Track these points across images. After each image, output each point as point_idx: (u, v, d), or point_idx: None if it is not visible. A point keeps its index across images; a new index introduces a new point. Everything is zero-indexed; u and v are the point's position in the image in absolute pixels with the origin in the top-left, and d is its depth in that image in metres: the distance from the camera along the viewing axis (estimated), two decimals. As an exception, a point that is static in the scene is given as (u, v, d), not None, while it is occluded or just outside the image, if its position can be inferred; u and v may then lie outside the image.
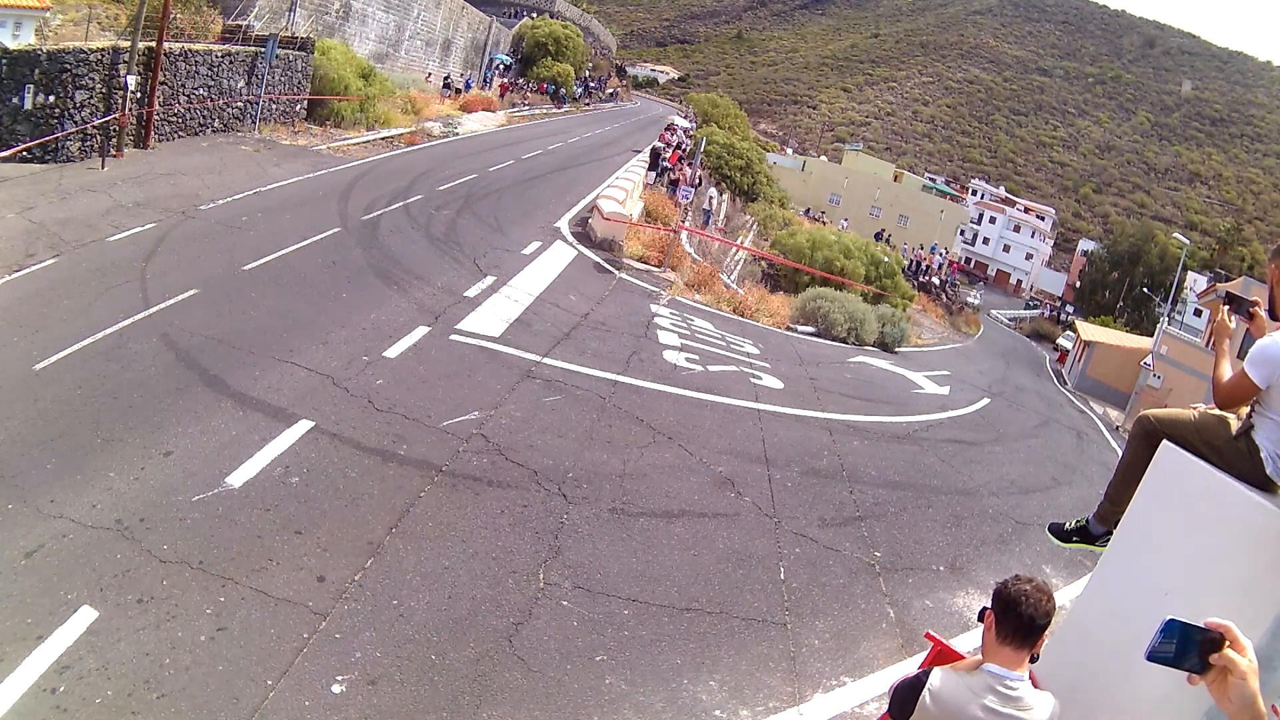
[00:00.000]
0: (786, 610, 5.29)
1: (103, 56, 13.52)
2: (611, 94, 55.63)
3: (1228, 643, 1.35)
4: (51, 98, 12.93)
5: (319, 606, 4.32)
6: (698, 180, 25.45)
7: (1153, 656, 1.35)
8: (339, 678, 3.88)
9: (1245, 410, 2.55)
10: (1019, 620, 2.15)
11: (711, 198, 25.78)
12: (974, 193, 72.16)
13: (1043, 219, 69.51)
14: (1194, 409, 2.72)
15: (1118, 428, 21.63)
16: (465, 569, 4.91)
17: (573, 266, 13.43)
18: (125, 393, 6.29)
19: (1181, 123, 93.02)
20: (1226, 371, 2.61)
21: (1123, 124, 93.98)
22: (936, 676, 2.20)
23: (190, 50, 16.11)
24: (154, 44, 14.53)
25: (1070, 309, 55.40)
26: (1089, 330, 34.40)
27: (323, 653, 4.02)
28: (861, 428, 9.93)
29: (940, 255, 47.24)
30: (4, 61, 12.64)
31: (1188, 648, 1.35)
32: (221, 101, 17.14)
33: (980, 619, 2.47)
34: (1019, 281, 66.08)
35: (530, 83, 41.30)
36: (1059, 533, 3.19)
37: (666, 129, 33.45)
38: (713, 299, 15.13)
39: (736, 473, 7.17)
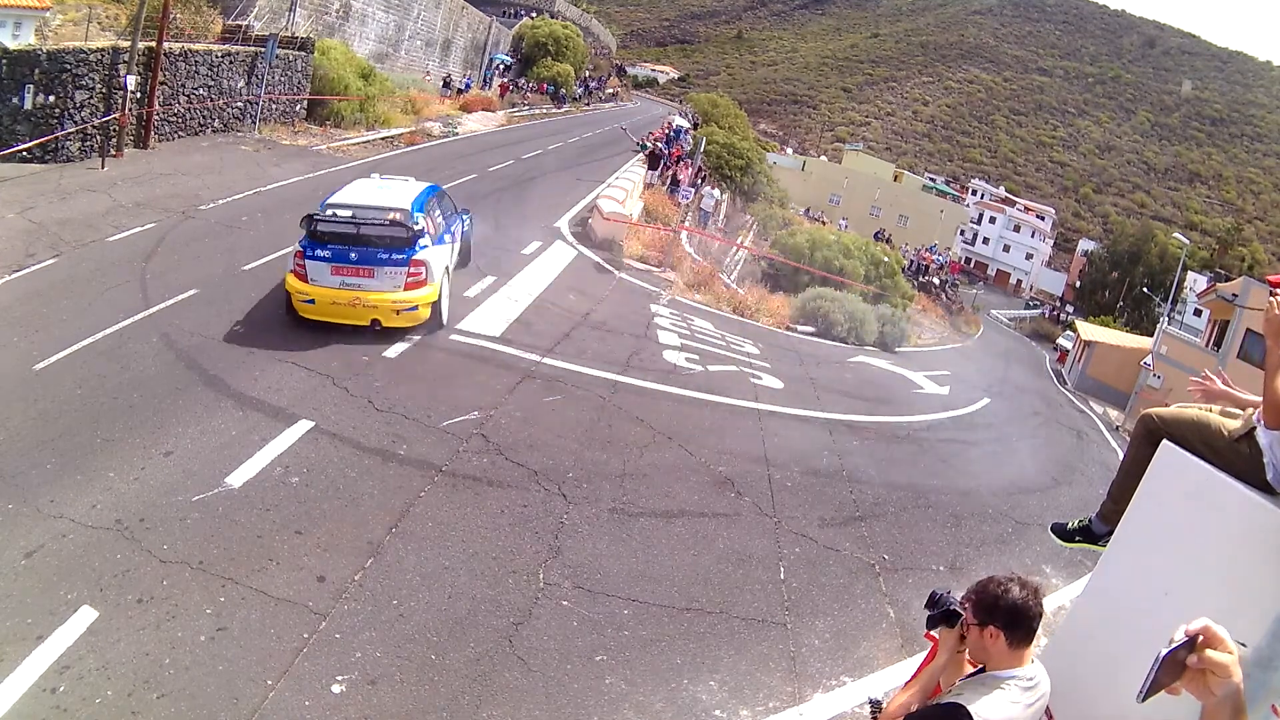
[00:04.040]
0: (786, 610, 5.29)
1: (103, 56, 13.52)
2: (612, 94, 55.58)
3: (1201, 639, 1.34)
4: (51, 98, 12.92)
5: (319, 606, 4.32)
6: (698, 180, 25.46)
7: (1147, 695, 1.35)
8: (339, 678, 3.88)
9: (1250, 412, 2.53)
10: (1030, 626, 2.22)
11: (711, 197, 25.77)
12: (974, 193, 72.09)
13: (1043, 219, 69.42)
14: (1200, 408, 2.71)
15: (1118, 428, 21.62)
16: (465, 569, 4.91)
17: (573, 266, 13.42)
18: (125, 393, 6.30)
19: (1181, 123, 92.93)
20: None
21: (1123, 124, 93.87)
22: (981, 708, 2.13)
23: (190, 50, 16.11)
24: (154, 44, 14.53)
25: (1070, 309, 55.38)
26: (1089, 330, 34.35)
27: (323, 653, 4.02)
28: (861, 428, 9.92)
29: (940, 255, 47.23)
30: (4, 61, 12.63)
31: (1170, 666, 1.35)
32: (221, 101, 17.14)
33: (938, 623, 2.43)
34: (1019, 281, 66.01)
35: (530, 83, 41.26)
36: (1061, 532, 3.18)
37: (661, 127, 33.42)
38: (713, 299, 15.12)
39: (736, 473, 7.17)
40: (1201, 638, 1.35)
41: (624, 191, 18.52)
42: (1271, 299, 2.27)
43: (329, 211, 7.92)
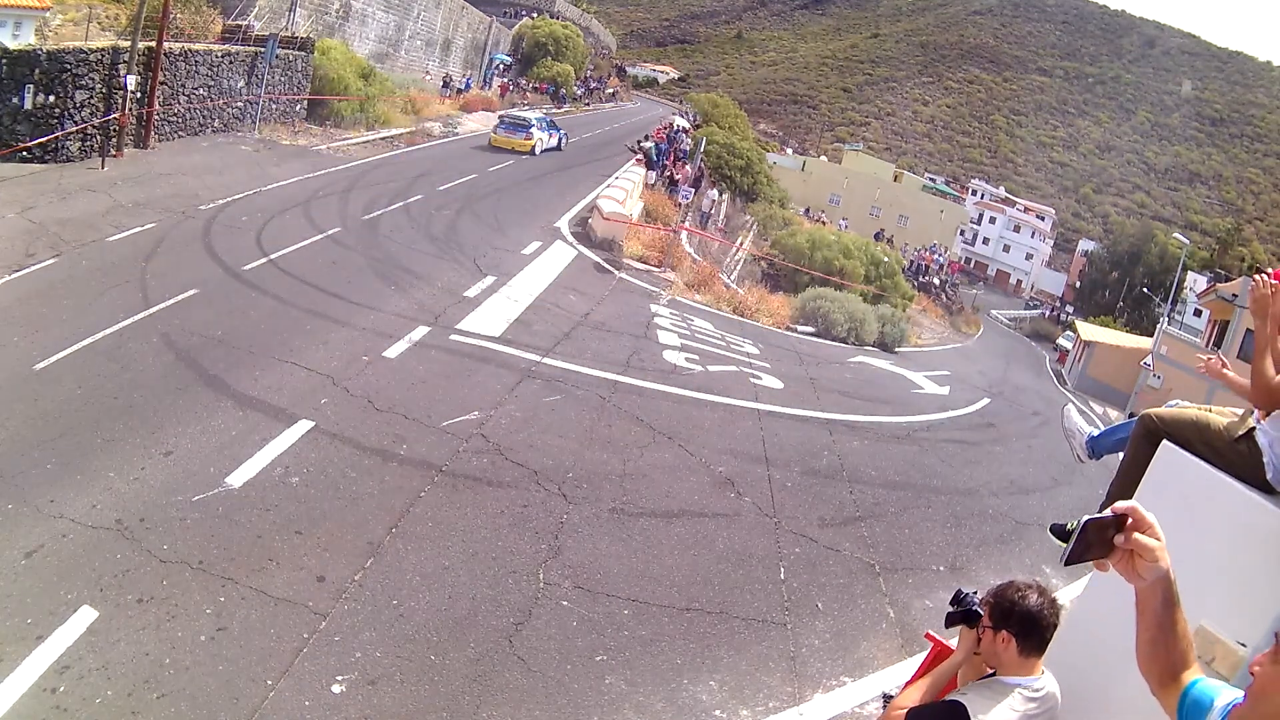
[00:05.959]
0: (786, 610, 5.29)
1: (103, 56, 13.52)
2: (612, 94, 55.55)
3: (1130, 521, 1.36)
4: (51, 98, 12.93)
5: (319, 606, 4.32)
6: (697, 180, 25.44)
7: (1069, 560, 1.37)
8: (339, 678, 3.88)
9: (1249, 410, 2.53)
10: (1044, 636, 2.22)
11: (712, 198, 25.76)
12: (974, 193, 72.04)
13: (1043, 219, 69.38)
14: (1200, 408, 2.71)
15: (1118, 428, 21.56)
16: (465, 569, 4.91)
17: (573, 266, 13.43)
18: (125, 393, 6.30)
19: (1181, 123, 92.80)
20: (1272, 370, 2.32)
21: (1123, 124, 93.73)
22: (979, 708, 2.15)
23: (190, 50, 16.12)
24: (154, 44, 14.53)
25: (1070, 309, 55.37)
26: (1089, 330, 34.38)
27: (323, 653, 4.01)
28: (861, 428, 9.92)
29: (940, 255, 47.20)
30: (4, 61, 12.64)
31: (1097, 538, 1.37)
32: (221, 101, 17.15)
33: (957, 621, 2.44)
34: (1019, 281, 66.00)
35: (530, 83, 41.26)
36: (1061, 533, 3.19)
37: (662, 126, 33.43)
38: (713, 299, 15.12)
39: (736, 473, 7.16)
40: (1130, 519, 1.36)
41: (624, 191, 18.52)
42: (1256, 278, 2.33)
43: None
